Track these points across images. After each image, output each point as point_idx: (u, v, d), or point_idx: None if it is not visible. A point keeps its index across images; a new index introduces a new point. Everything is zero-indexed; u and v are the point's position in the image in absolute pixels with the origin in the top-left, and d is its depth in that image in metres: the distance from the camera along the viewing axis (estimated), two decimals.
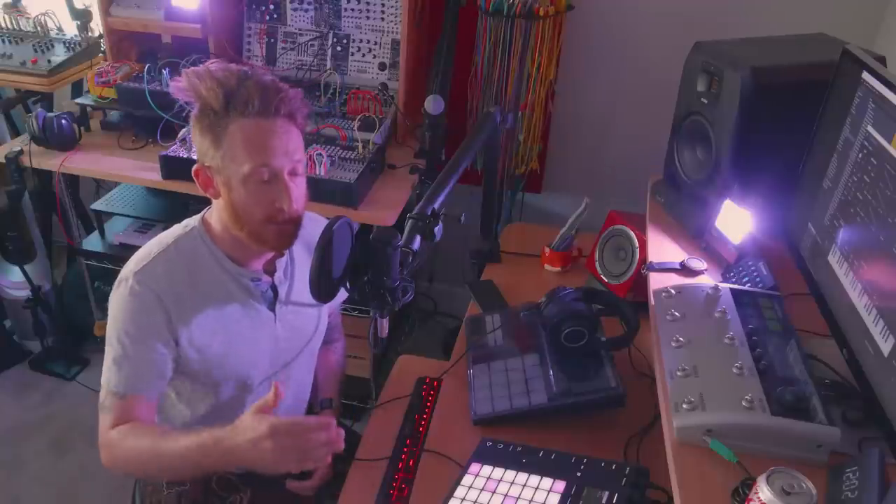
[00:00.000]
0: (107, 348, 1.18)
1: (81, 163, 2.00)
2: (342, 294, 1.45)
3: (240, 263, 1.22)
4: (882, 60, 1.19)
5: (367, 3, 2.13)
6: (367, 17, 2.15)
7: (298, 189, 1.16)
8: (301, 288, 1.31)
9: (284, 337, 1.32)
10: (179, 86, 1.11)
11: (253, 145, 1.09)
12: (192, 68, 1.11)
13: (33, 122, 1.98)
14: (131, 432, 1.13)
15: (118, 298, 1.16)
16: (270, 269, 1.28)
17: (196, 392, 1.27)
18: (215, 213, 1.20)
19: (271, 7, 2.20)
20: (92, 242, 2.24)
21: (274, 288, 1.28)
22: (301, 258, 1.32)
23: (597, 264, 1.76)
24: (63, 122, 2.00)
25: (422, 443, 1.33)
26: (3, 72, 2.20)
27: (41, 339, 2.50)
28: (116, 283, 1.18)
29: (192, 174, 1.16)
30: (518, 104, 2.06)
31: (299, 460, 1.00)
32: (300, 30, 2.21)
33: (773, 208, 1.32)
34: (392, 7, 2.11)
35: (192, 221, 1.24)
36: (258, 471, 1.01)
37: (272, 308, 1.28)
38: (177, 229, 1.23)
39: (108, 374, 1.17)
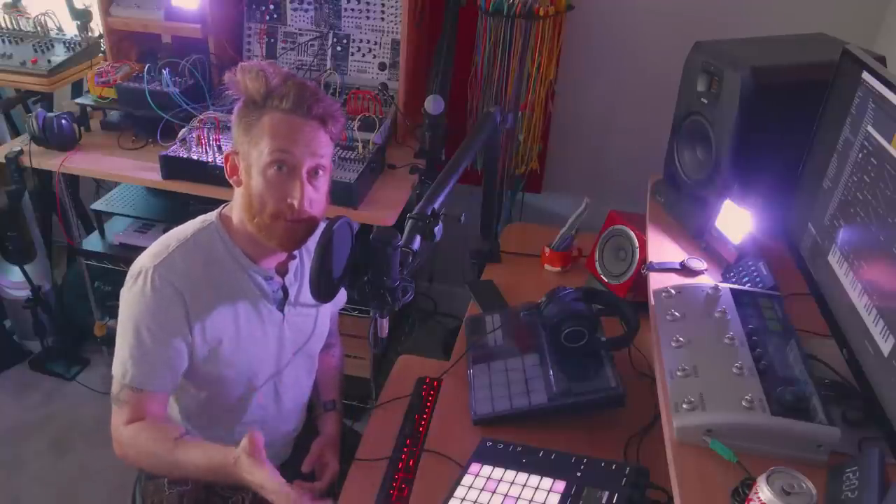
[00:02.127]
0: (120, 339, 1.17)
1: (81, 163, 2.00)
2: (342, 298, 1.45)
3: (255, 261, 1.22)
4: (882, 60, 1.19)
5: (367, 3, 2.13)
6: (367, 17, 2.15)
7: (317, 193, 1.16)
8: (307, 290, 1.31)
9: (290, 338, 1.32)
10: (233, 76, 1.14)
11: (278, 133, 1.11)
12: (248, 62, 1.14)
13: (33, 122, 1.98)
14: (144, 433, 1.16)
15: (137, 292, 1.15)
16: (282, 271, 1.28)
17: (202, 389, 1.27)
18: (234, 208, 1.21)
19: (271, 7, 2.20)
20: (92, 242, 2.24)
21: (285, 289, 1.28)
22: (307, 261, 1.33)
23: (597, 264, 1.76)
24: (63, 122, 2.00)
25: (422, 443, 1.34)
26: (3, 72, 2.20)
27: (41, 339, 2.50)
28: (133, 275, 1.17)
29: (223, 159, 1.20)
30: (518, 104, 2.06)
31: None
32: (300, 30, 2.21)
33: (773, 208, 1.32)
34: (392, 7, 2.11)
35: (209, 217, 1.24)
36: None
37: (281, 309, 1.28)
38: (194, 223, 1.23)
39: (124, 367, 1.16)
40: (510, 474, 1.16)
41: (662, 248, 1.43)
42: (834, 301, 1.11)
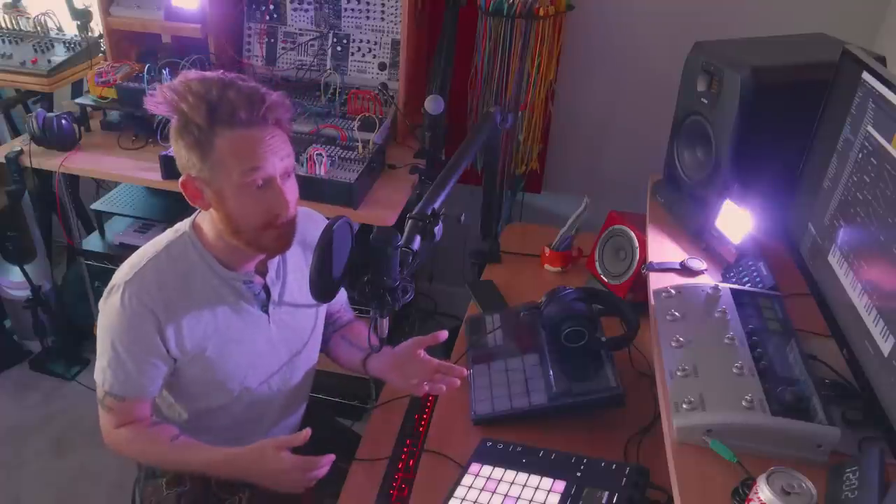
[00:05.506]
0: (99, 347, 1.19)
1: (81, 163, 2.00)
2: (342, 293, 1.45)
3: (231, 267, 1.21)
4: (882, 60, 1.19)
5: (367, 3, 2.13)
6: (367, 17, 2.15)
7: (291, 191, 1.16)
8: (294, 288, 1.31)
9: (280, 338, 1.31)
10: (156, 101, 1.07)
11: (243, 155, 1.06)
12: (167, 83, 1.07)
13: (33, 122, 1.97)
14: (139, 437, 1.20)
15: (110, 307, 1.16)
16: (262, 270, 1.27)
17: (194, 394, 1.27)
18: (207, 220, 1.19)
19: (271, 7, 2.20)
20: (92, 242, 2.24)
21: (266, 289, 1.28)
22: (294, 257, 1.31)
23: (597, 264, 1.76)
24: (63, 122, 2.00)
25: (422, 443, 1.33)
26: (3, 72, 2.20)
27: (41, 339, 2.50)
28: (109, 288, 1.18)
29: (180, 186, 1.12)
30: (518, 104, 2.06)
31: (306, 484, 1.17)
32: (300, 30, 2.21)
33: (773, 208, 1.32)
34: (392, 7, 2.11)
35: (183, 226, 1.23)
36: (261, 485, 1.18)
37: (265, 309, 1.28)
38: (168, 234, 1.23)
39: (104, 375, 1.19)
40: (510, 474, 1.16)
41: (662, 248, 1.43)
42: (834, 301, 1.11)
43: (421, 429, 1.37)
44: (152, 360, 1.18)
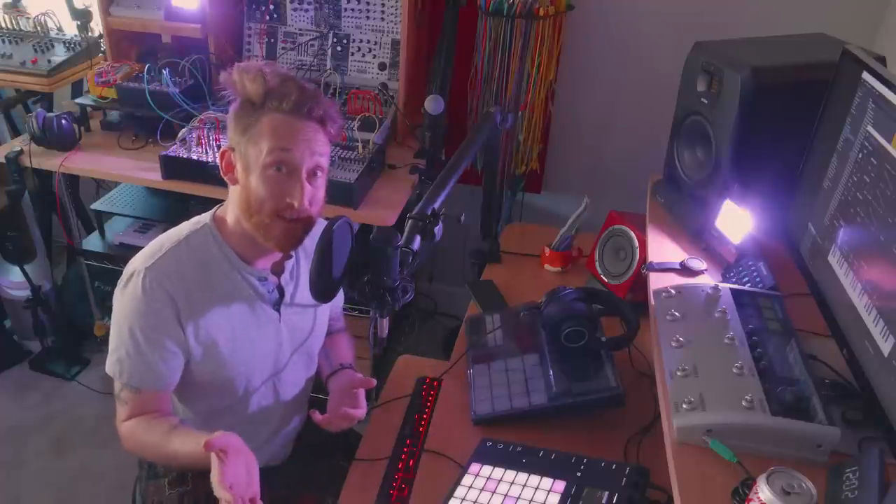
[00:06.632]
0: (115, 339, 1.18)
1: (81, 163, 2.00)
2: (340, 297, 1.45)
3: (248, 262, 1.22)
4: (882, 60, 1.19)
5: (367, 3, 2.13)
6: (367, 17, 2.15)
7: (316, 193, 1.17)
8: (305, 289, 1.31)
9: (288, 338, 1.32)
10: (229, 77, 1.14)
11: (278, 134, 1.11)
12: (246, 63, 1.14)
13: (33, 122, 1.98)
14: (140, 426, 1.18)
15: (129, 294, 1.16)
16: (278, 270, 1.28)
17: (199, 391, 1.27)
18: (230, 206, 1.20)
19: (271, 7, 2.20)
20: (92, 242, 2.24)
21: (280, 289, 1.28)
22: (305, 261, 1.32)
23: (597, 264, 1.77)
24: (63, 122, 2.00)
25: (422, 443, 1.34)
26: (3, 72, 2.20)
27: (41, 339, 2.50)
28: (126, 276, 1.17)
29: (219, 155, 1.19)
30: (518, 104, 2.06)
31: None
32: (300, 30, 2.21)
33: (773, 208, 1.32)
34: (392, 7, 2.11)
35: (203, 218, 1.24)
36: None
37: (277, 308, 1.28)
38: (188, 225, 1.23)
39: (121, 366, 1.17)
40: (510, 474, 1.16)
41: (662, 248, 1.43)
42: (834, 301, 1.11)
43: (421, 429, 1.37)
44: (171, 347, 1.17)
